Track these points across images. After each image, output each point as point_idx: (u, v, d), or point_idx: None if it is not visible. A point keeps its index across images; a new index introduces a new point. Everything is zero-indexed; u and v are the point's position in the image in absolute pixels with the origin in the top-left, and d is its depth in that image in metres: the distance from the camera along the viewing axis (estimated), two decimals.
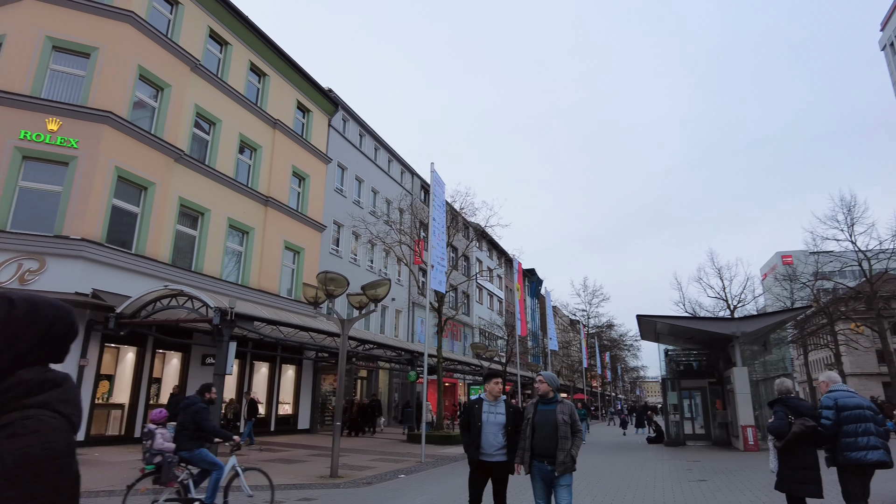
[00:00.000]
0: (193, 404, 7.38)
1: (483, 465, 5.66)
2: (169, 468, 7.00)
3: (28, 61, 15.61)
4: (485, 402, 5.80)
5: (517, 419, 5.74)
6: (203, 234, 19.10)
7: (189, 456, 7.16)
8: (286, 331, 16.24)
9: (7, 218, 14.56)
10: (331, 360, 24.51)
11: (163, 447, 7.10)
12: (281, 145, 23.25)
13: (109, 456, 13.45)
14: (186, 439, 7.16)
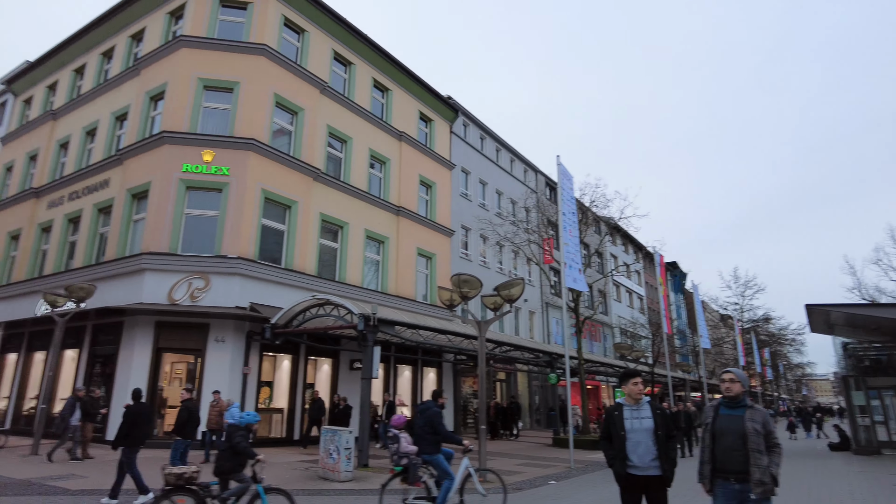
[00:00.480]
0: (429, 409, 7.75)
1: (634, 480, 4.83)
2: (415, 469, 7.52)
3: (186, 102, 17.46)
4: (626, 406, 5.03)
5: (669, 423, 4.91)
6: (343, 246, 20.08)
7: (430, 459, 7.54)
8: (425, 334, 16.47)
9: (178, 242, 16.32)
10: (469, 362, 24.60)
11: (407, 450, 7.59)
12: (407, 156, 23.87)
13: (275, 457, 14.43)
14: (427, 443, 7.53)
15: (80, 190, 19.86)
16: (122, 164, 18.34)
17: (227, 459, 6.59)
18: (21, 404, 19.16)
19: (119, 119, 19.81)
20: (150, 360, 15.59)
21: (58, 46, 23.61)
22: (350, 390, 19.44)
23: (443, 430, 7.57)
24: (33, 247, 21.08)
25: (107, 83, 20.55)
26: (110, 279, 16.70)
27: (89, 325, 17.51)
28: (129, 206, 17.55)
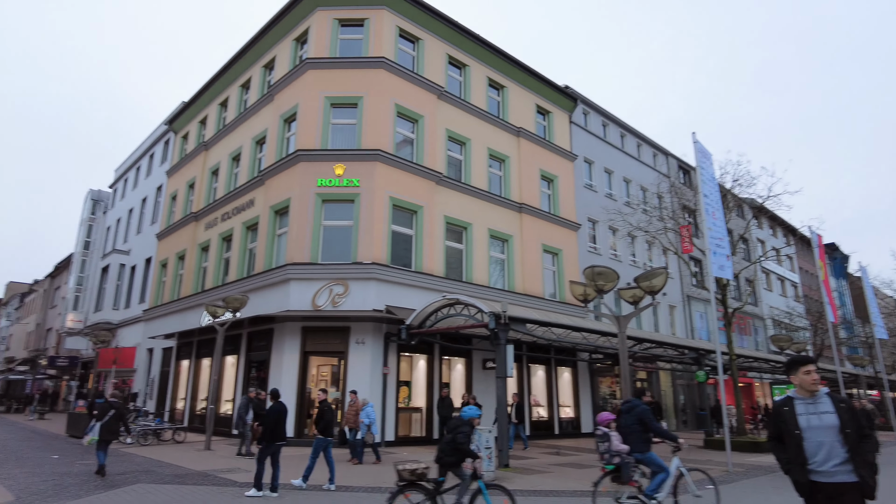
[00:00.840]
0: (636, 406, 7.66)
1: (820, 488, 3.97)
2: (627, 468, 7.33)
3: (315, 121, 18.56)
4: (797, 400, 4.18)
5: (859, 419, 4.01)
6: (468, 247, 20.18)
7: (642, 457, 7.44)
8: (558, 332, 16.00)
9: (318, 252, 17.35)
10: (605, 361, 23.59)
11: (619, 449, 7.43)
12: (526, 151, 23.50)
13: (417, 455, 14.77)
14: (637, 441, 7.45)
15: (230, 211, 21.88)
16: (264, 184, 19.92)
17: (449, 453, 6.63)
18: (194, 405, 21.50)
19: (259, 143, 21.57)
20: (299, 363, 16.71)
21: (205, 85, 26.31)
22: (484, 390, 19.47)
23: (656, 426, 7.49)
24: (196, 265, 23.61)
25: (246, 111, 22.49)
26: (260, 290, 18.17)
27: (244, 332, 19.21)
28: (273, 221, 18.99)
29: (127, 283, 31.00)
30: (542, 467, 13.14)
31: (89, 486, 8.87)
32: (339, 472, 11.19)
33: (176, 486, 9.08)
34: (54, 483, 9.16)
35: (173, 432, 16.96)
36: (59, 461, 12.15)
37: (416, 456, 14.40)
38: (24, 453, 13.63)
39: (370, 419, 12.89)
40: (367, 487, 9.79)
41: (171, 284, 25.22)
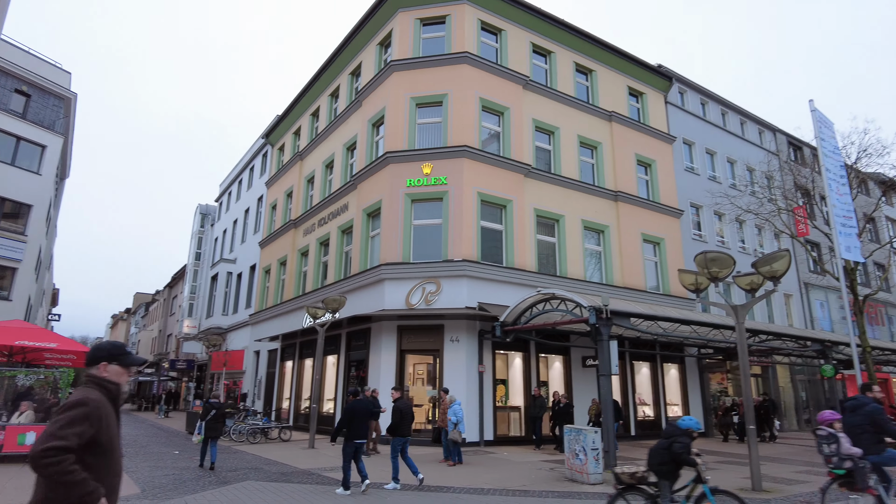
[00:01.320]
0: (865, 404, 6.99)
1: None
2: (862, 474, 6.68)
3: (402, 122, 18.65)
4: None
5: None
6: (561, 240, 19.48)
7: (878, 460, 6.78)
8: (665, 325, 14.95)
9: (409, 251, 17.41)
10: (716, 356, 21.94)
11: (851, 452, 6.76)
12: (620, 136, 22.36)
13: (516, 456, 14.34)
14: (870, 443, 6.80)
15: (326, 216, 22.54)
16: (356, 188, 20.31)
17: (664, 461, 6.28)
18: (299, 404, 22.35)
19: (350, 149, 22.05)
20: (396, 361, 16.82)
21: (297, 97, 27.36)
22: (584, 388, 18.70)
23: (889, 427, 6.77)
24: (296, 270, 24.56)
25: (336, 119, 23.07)
26: (357, 290, 18.51)
27: (343, 332, 19.67)
28: (366, 224, 19.30)
29: (234, 290, 32.96)
30: None
31: (204, 482, 9.27)
32: (435, 472, 11.02)
33: (281, 485, 9.28)
34: (174, 478, 9.67)
35: (279, 431, 17.66)
36: (179, 457, 12.93)
37: (518, 456, 13.97)
38: (151, 448, 14.68)
39: (457, 417, 12.52)
40: (467, 489, 9.51)
41: (274, 289, 26.44)
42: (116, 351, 2.92)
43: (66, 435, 2.44)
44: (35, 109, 27.93)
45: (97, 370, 2.85)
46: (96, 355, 2.89)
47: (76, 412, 2.56)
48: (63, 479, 2.37)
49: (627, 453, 14.97)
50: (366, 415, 9.18)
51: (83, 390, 2.75)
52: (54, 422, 2.52)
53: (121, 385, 2.90)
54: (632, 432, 19.72)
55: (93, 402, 2.64)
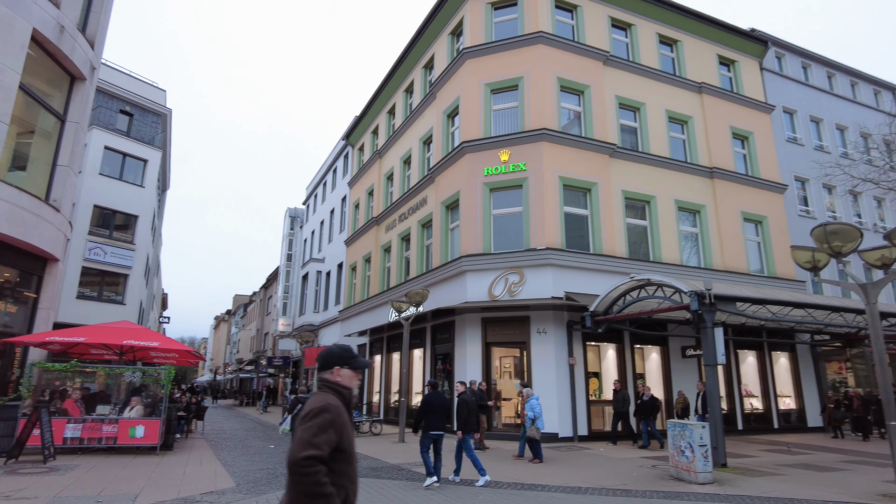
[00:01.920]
0: None
1: None
2: None
3: (477, 110, 18.24)
4: None
5: None
6: (653, 222, 18.33)
7: None
8: (774, 310, 13.59)
9: (490, 242, 16.99)
10: (833, 342, 19.87)
11: None
12: (712, 109, 20.74)
13: (613, 452, 13.58)
14: None
15: (406, 211, 22.57)
16: (433, 182, 20.15)
17: None
18: (388, 397, 22.58)
19: (426, 143, 21.93)
20: (482, 354, 16.49)
21: (373, 96, 27.64)
22: (685, 380, 17.55)
23: None
24: (380, 266, 24.84)
25: (412, 114, 23.03)
26: (439, 284, 18.35)
27: (428, 326, 19.59)
28: (445, 217, 19.08)
29: (324, 288, 33.99)
30: (768, 467, 11.18)
31: None
32: (519, 470, 10.56)
33: (372, 480, 9.19)
34: (268, 472, 9.84)
35: (370, 424, 17.83)
36: (274, 451, 13.27)
37: (615, 453, 13.22)
38: (249, 442, 15.23)
39: (534, 413, 11.82)
40: (562, 487, 9.00)
41: (360, 286, 26.92)
42: (347, 354, 2.84)
43: (320, 443, 2.38)
44: (136, 127, 30.05)
45: (330, 375, 2.78)
46: (329, 360, 2.81)
47: (323, 419, 2.48)
48: (313, 491, 2.30)
49: (735, 449, 13.80)
50: (443, 407, 9.04)
51: (322, 396, 2.66)
52: (306, 429, 2.44)
53: (353, 389, 2.82)
54: (738, 426, 18.27)
55: (334, 408, 2.57)
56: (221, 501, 7.11)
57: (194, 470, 9.62)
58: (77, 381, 15.23)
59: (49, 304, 14.81)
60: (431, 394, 9.25)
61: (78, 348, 14.15)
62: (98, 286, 26.61)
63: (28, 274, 14.43)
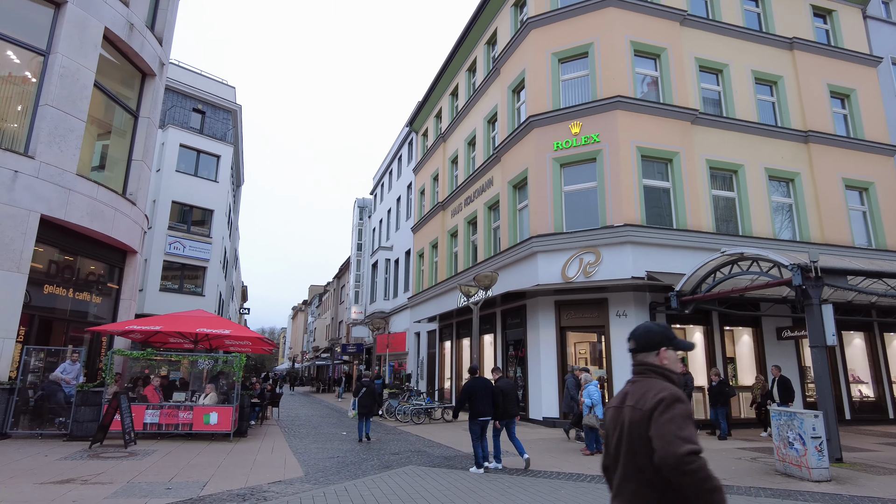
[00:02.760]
0: None
1: None
2: None
3: (544, 82, 17.28)
4: None
5: None
6: (741, 193, 16.78)
7: None
8: (893, 284, 11.93)
9: (562, 221, 16.09)
10: None
11: None
12: (805, 66, 18.72)
13: (702, 441, 12.48)
14: None
15: (472, 194, 21.95)
16: (500, 161, 19.40)
17: None
18: (459, 384, 22.09)
19: (490, 122, 21.16)
20: (556, 339, 15.69)
21: (435, 79, 27.07)
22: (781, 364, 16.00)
23: None
24: (447, 251, 24.40)
25: (475, 94, 22.30)
26: (508, 267, 17.66)
27: (498, 311, 18.95)
28: (513, 197, 18.31)
29: (393, 276, 34.04)
30: (892, 464, 9.81)
31: (366, 466, 9.03)
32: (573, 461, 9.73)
33: (445, 471, 8.71)
34: (338, 460, 9.59)
35: (442, 411, 17.46)
36: (346, 438, 13.11)
37: (708, 443, 12.13)
38: (322, 429, 15.22)
39: (591, 400, 10.79)
40: None
41: (428, 272, 26.64)
42: (670, 333, 2.41)
43: (691, 436, 2.03)
44: (209, 124, 31.02)
45: (656, 358, 2.36)
46: (654, 339, 2.39)
47: (680, 409, 2.10)
48: (704, 487, 1.97)
49: (847, 441, 12.33)
50: (487, 392, 8.93)
51: (659, 384, 2.25)
52: (668, 421, 2.06)
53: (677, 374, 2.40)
54: (846, 416, 16.52)
55: (683, 396, 2.17)
56: (288, 492, 6.83)
57: (265, 458, 9.51)
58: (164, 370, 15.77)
59: (130, 294, 15.33)
60: (473, 379, 9.12)
61: (157, 337, 14.55)
62: (179, 279, 27.76)
63: (110, 266, 14.98)
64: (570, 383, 12.89)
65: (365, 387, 12.73)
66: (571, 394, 12.67)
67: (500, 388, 9.36)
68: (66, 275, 13.29)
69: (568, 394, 12.89)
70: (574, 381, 12.72)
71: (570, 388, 12.83)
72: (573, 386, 12.69)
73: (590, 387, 11.05)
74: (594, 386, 11.09)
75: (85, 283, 13.95)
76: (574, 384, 12.66)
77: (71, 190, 12.55)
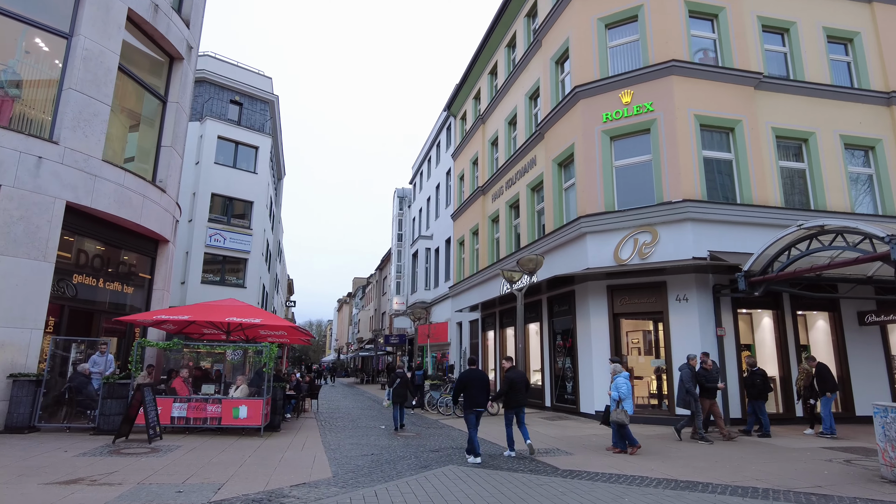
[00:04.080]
0: None
1: None
2: None
3: (590, 49, 15.99)
4: None
5: None
6: (814, 164, 15.12)
7: None
8: None
9: (613, 198, 14.84)
10: None
11: None
12: (886, 19, 16.74)
13: (780, 438, 11.12)
14: None
15: (513, 176, 20.83)
16: (543, 138, 18.22)
17: None
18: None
19: (532, 98, 19.96)
20: (609, 327, 14.49)
21: (473, 58, 25.94)
22: (862, 353, 14.39)
23: None
24: (489, 237, 23.36)
25: (515, 69, 21.11)
26: (554, 251, 16.52)
27: (543, 298, 17.83)
28: (558, 176, 17.12)
29: (434, 265, 33.24)
30: None
31: (402, 466, 8.19)
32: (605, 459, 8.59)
33: (489, 472, 7.77)
34: (372, 459, 8.78)
35: (489, 404, 16.45)
36: (384, 432, 12.33)
37: (784, 440, 10.77)
38: (361, 422, 14.51)
39: (619, 393, 9.50)
40: (729, 486, 6.99)
41: (469, 260, 25.68)
42: None
43: None
44: (246, 115, 30.82)
45: None
46: None
47: None
48: None
49: None
50: (481, 384, 9.04)
51: None
52: None
53: None
54: None
55: None
56: (310, 497, 6.03)
57: (293, 455, 8.79)
58: (208, 362, 15.38)
59: (163, 284, 14.95)
60: (468, 371, 9.20)
61: (192, 328, 14.12)
62: (220, 271, 27.68)
63: (142, 256, 14.62)
64: (686, 374, 11.07)
65: (399, 377, 13.22)
66: (687, 387, 10.95)
67: (510, 378, 9.29)
68: (95, 264, 12.95)
69: (683, 387, 11.04)
70: (689, 372, 11.06)
71: (684, 380, 11.02)
72: (688, 377, 11.00)
73: (618, 379, 9.71)
74: (624, 377, 9.76)
75: (115, 274, 13.62)
76: (689, 375, 11.03)
77: (97, 176, 12.15)
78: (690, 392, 10.92)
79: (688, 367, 11.15)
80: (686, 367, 11.15)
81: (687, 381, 10.95)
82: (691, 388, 10.93)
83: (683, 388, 10.96)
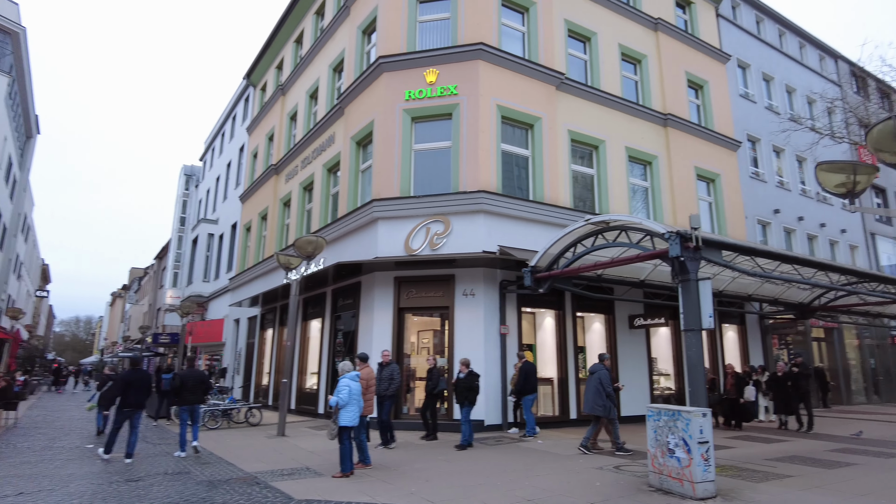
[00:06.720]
0: None
1: None
2: None
3: (399, 21, 14.59)
4: None
5: None
6: (601, 171, 15.50)
7: None
8: (765, 264, 10.91)
9: (409, 183, 13.50)
10: (787, 313, 17.98)
11: None
12: (667, 50, 18.16)
13: (553, 444, 10.59)
14: None
15: (310, 154, 18.61)
16: (343, 114, 16.36)
17: None
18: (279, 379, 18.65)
19: (336, 70, 18.01)
20: (392, 322, 13.03)
21: (278, 24, 23.15)
22: (631, 353, 15.01)
23: None
24: (279, 223, 20.73)
25: (321, 37, 18.98)
26: (344, 237, 14.71)
27: (329, 291, 15.90)
28: (356, 155, 15.38)
29: (216, 254, 29.24)
30: (757, 464, 8.55)
31: None
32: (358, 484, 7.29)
33: None
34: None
35: (247, 412, 13.90)
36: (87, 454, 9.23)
37: (556, 446, 10.20)
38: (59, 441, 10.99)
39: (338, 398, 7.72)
40: None
41: (255, 248, 22.67)
42: None
43: None
44: None
45: None
46: None
47: None
48: None
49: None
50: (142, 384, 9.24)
51: None
52: None
53: None
54: None
55: None
56: None
57: None
58: None
59: None
60: (130, 371, 9.30)
61: None
62: None
63: None
64: (605, 376, 9.81)
65: (110, 380, 12.24)
66: (607, 391, 9.68)
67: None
68: None
69: (600, 390, 9.71)
70: (608, 374, 9.83)
71: (604, 383, 9.74)
72: (608, 379, 9.78)
73: (342, 381, 7.87)
74: (350, 379, 7.94)
75: None
76: (608, 377, 9.80)
77: None
78: (610, 396, 9.78)
79: (605, 368, 10.02)
80: (603, 369, 9.99)
81: (607, 383, 9.76)
82: (611, 391, 9.83)
83: (601, 392, 9.72)
